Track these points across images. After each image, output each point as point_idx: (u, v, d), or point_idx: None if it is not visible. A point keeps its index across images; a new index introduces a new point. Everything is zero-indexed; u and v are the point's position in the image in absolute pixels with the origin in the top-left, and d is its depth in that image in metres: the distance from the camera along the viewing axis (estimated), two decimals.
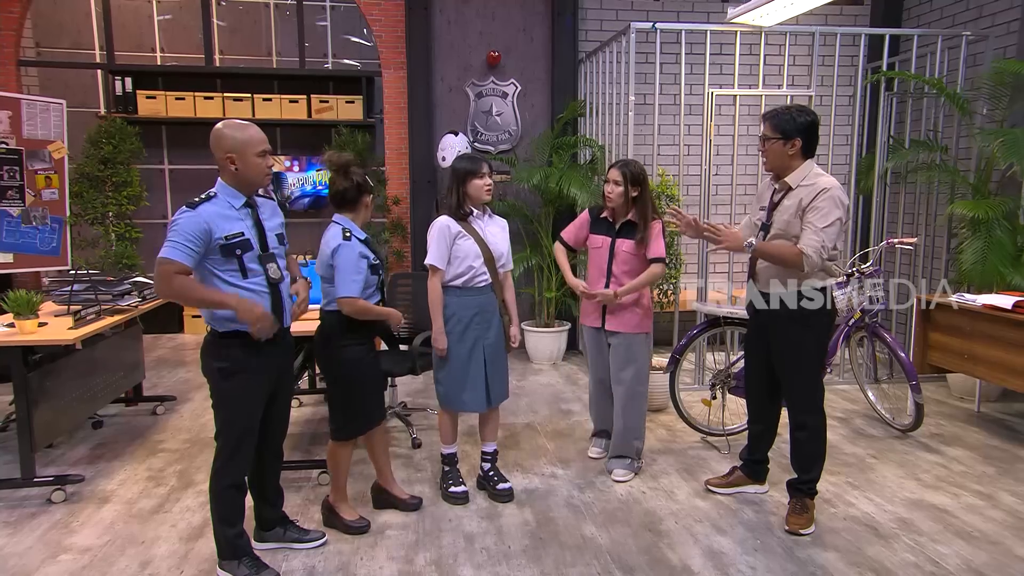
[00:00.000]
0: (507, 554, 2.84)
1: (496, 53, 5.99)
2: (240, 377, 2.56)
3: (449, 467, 3.39)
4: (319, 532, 2.99)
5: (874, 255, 4.34)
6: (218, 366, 2.56)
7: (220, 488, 2.62)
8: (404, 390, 5.03)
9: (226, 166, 2.51)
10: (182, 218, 2.45)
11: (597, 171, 5.58)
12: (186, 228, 2.42)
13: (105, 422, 4.36)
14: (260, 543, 2.86)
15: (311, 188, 7.05)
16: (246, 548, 2.69)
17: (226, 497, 2.63)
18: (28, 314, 3.23)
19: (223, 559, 2.67)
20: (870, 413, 4.53)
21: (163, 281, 2.42)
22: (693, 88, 5.62)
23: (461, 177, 3.20)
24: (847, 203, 2.93)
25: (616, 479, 3.55)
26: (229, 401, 2.59)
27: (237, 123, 2.54)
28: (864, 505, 3.28)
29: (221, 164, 2.52)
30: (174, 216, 2.46)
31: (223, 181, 2.54)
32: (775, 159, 3.01)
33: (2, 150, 5.01)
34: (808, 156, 2.99)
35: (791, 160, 2.97)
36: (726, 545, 2.92)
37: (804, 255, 2.82)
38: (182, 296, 2.53)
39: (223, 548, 2.67)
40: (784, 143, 2.96)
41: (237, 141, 2.49)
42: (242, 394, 2.59)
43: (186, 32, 6.94)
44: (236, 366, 2.55)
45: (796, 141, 2.94)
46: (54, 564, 2.76)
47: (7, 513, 3.18)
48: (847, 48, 5.73)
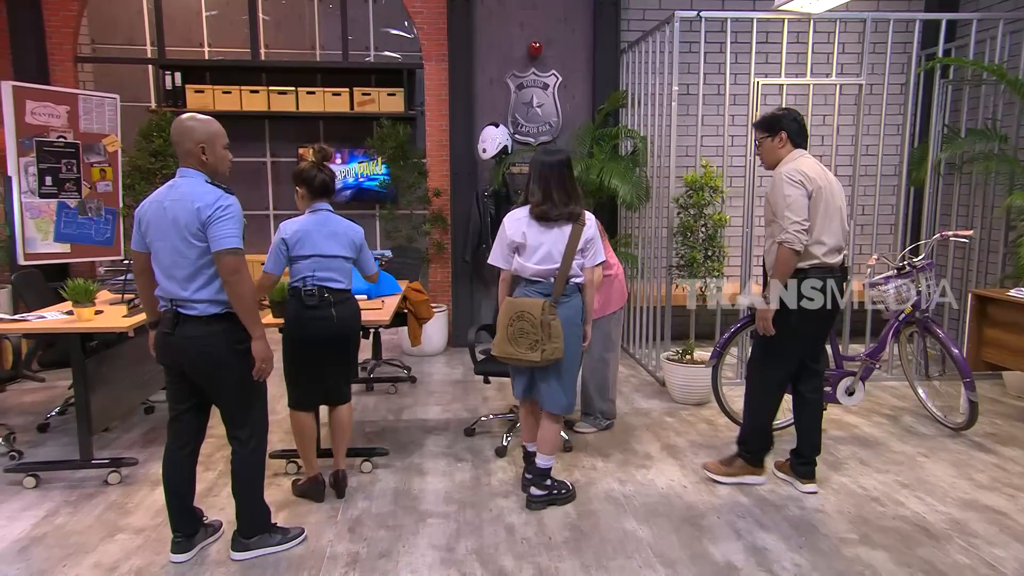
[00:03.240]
0: (548, 545, 2.85)
1: (537, 44, 5.96)
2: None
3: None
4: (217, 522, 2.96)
5: (926, 248, 4.20)
6: (243, 348, 2.58)
7: (261, 461, 2.75)
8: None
9: (196, 155, 2.55)
10: (233, 203, 2.51)
11: (639, 162, 5.52)
12: (238, 214, 2.49)
13: (156, 407, 4.49)
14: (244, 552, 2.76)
15: (353, 180, 7.13)
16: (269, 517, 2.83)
17: (262, 471, 2.77)
18: (86, 302, 3.35)
19: (255, 535, 2.75)
20: (920, 410, 4.40)
21: (244, 273, 2.48)
22: (738, 77, 5.52)
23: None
24: (798, 178, 3.07)
25: (577, 430, 4.06)
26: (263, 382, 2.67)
27: (203, 116, 2.61)
28: (914, 504, 3.20)
29: (188, 152, 2.54)
30: (217, 201, 2.47)
31: (195, 169, 2.56)
32: (768, 156, 3.30)
33: (60, 144, 5.19)
34: (798, 146, 3.22)
35: (781, 152, 3.23)
36: (770, 542, 2.88)
37: (781, 245, 3.06)
38: (252, 294, 2.53)
39: (256, 523, 2.77)
40: (772, 138, 3.24)
41: (207, 132, 2.56)
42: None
43: (233, 27, 7.07)
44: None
45: (782, 133, 3.21)
46: (111, 543, 2.87)
47: (68, 492, 3.31)
48: (900, 34, 5.54)
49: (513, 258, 3.13)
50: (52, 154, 5.14)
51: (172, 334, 2.55)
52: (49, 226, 5.19)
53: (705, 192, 4.55)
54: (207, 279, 2.52)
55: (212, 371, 2.59)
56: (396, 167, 6.26)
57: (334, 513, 3.12)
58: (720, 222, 4.56)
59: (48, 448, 3.86)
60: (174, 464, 2.72)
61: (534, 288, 3.10)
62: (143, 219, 2.56)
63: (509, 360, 3.12)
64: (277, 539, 2.79)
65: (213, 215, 2.44)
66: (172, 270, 2.51)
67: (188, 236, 2.47)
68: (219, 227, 2.44)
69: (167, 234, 2.49)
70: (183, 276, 2.51)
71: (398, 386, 5.04)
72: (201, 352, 2.55)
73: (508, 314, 3.07)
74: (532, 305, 3.01)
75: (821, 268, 3.14)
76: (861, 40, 5.01)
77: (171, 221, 2.48)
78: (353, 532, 2.95)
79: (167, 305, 2.57)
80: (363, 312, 3.60)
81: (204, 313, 2.53)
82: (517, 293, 3.15)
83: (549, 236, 3.05)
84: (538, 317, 2.98)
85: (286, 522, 2.97)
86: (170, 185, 2.57)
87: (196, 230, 2.46)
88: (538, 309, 2.99)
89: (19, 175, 5.00)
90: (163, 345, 2.61)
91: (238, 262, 2.46)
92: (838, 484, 3.41)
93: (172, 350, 2.59)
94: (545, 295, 3.06)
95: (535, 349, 3.00)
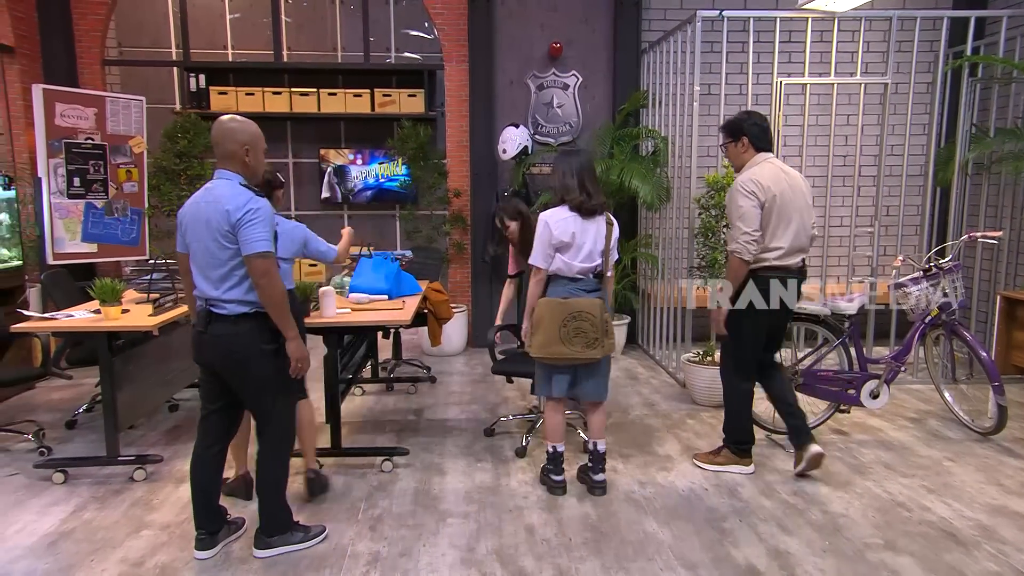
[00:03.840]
0: (568, 546, 2.84)
1: (558, 44, 5.95)
2: (283, 352, 2.67)
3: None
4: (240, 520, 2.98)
5: (953, 250, 4.13)
6: (271, 347, 2.63)
7: (284, 460, 2.78)
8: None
9: (240, 156, 2.60)
10: (263, 206, 2.54)
11: (659, 163, 5.49)
12: (269, 217, 2.54)
13: (180, 406, 4.55)
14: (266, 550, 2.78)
15: (373, 181, 7.18)
16: (292, 516, 2.85)
17: (286, 467, 2.80)
18: (113, 301, 3.40)
19: (276, 534, 2.77)
20: (946, 414, 4.33)
21: (274, 275, 2.52)
22: (760, 77, 5.47)
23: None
24: (751, 189, 3.20)
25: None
26: (283, 376, 2.70)
27: (245, 119, 2.65)
28: (941, 510, 3.14)
29: (232, 154, 2.59)
30: (246, 204, 2.50)
31: (234, 172, 2.60)
32: (734, 160, 3.43)
33: (88, 145, 5.28)
34: (762, 149, 3.32)
35: (745, 156, 3.35)
36: (793, 545, 2.85)
37: (732, 254, 3.25)
38: (282, 295, 2.56)
39: (278, 521, 2.78)
40: (735, 143, 3.36)
41: (251, 134, 2.63)
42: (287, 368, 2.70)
43: (256, 29, 7.15)
44: (281, 343, 2.65)
45: (744, 138, 3.32)
46: (137, 539, 2.91)
47: (95, 488, 3.37)
48: (927, 32, 5.47)
49: (554, 258, 3.17)
50: (80, 155, 5.23)
51: (205, 332, 2.61)
52: (77, 226, 5.28)
53: (727, 193, 4.51)
54: (238, 280, 2.56)
55: (238, 370, 2.63)
56: (416, 168, 6.29)
57: (355, 512, 3.13)
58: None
59: (76, 444, 3.93)
60: (202, 463, 2.76)
61: (576, 286, 3.18)
62: (183, 221, 2.63)
63: (560, 360, 3.17)
64: (299, 537, 2.82)
65: (243, 218, 2.48)
66: (206, 270, 2.57)
67: (219, 238, 2.52)
68: (249, 231, 2.48)
69: (201, 235, 2.55)
70: (216, 276, 2.56)
71: (418, 386, 5.06)
72: (229, 351, 2.60)
73: (561, 315, 3.11)
74: (590, 305, 3.11)
75: (772, 269, 3.28)
76: (887, 38, 4.95)
77: (204, 223, 2.53)
78: (374, 531, 2.97)
79: (202, 304, 2.62)
80: (384, 312, 3.63)
81: (232, 312, 2.58)
82: (558, 292, 3.19)
83: (590, 234, 3.15)
84: (599, 316, 3.11)
85: (308, 520, 3.00)
86: (207, 187, 2.62)
87: (227, 232, 2.50)
88: (597, 308, 3.11)
89: (48, 176, 5.10)
90: (197, 343, 2.67)
91: (268, 265, 2.50)
92: (862, 488, 3.36)
93: (204, 348, 2.64)
94: (588, 291, 3.17)
95: (594, 347, 3.11)
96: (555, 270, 3.18)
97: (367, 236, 6.76)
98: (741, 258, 3.22)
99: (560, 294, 3.18)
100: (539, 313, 3.16)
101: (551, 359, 3.17)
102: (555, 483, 3.33)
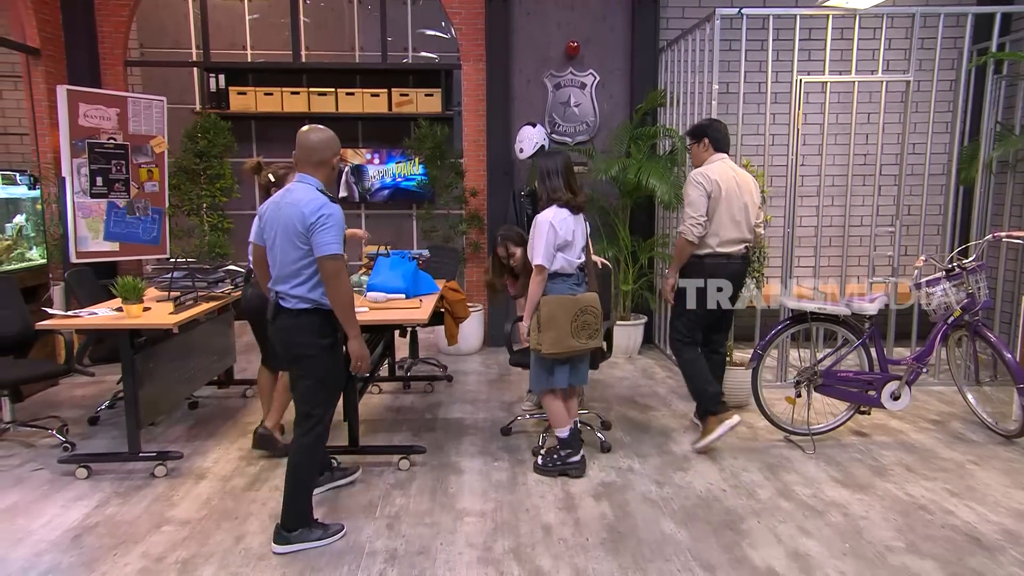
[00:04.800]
0: (585, 546, 2.84)
1: (575, 43, 5.94)
2: (338, 349, 2.86)
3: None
4: (355, 467, 3.39)
5: (976, 250, 4.07)
6: (327, 342, 2.80)
7: (312, 452, 2.84)
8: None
9: (333, 165, 2.82)
10: (336, 212, 2.68)
11: (677, 162, 5.46)
12: (340, 221, 2.69)
13: (200, 403, 4.60)
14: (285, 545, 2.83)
15: (391, 180, 7.21)
16: (312, 514, 2.90)
17: (315, 464, 2.89)
18: (135, 299, 3.44)
19: (295, 528, 2.81)
20: (969, 417, 4.27)
21: (343, 276, 2.67)
22: (780, 75, 5.43)
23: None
24: (700, 180, 3.67)
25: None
26: (334, 373, 2.86)
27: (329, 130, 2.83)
28: (964, 513, 3.10)
29: (325, 162, 2.78)
30: (319, 209, 2.63)
31: (317, 178, 2.77)
32: (695, 158, 3.90)
33: (111, 145, 5.35)
34: (720, 151, 3.80)
35: (704, 155, 3.82)
36: (812, 548, 2.82)
37: (680, 235, 3.73)
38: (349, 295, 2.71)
39: (299, 517, 2.82)
40: (698, 144, 3.85)
41: (338, 145, 2.84)
42: (340, 364, 2.89)
43: (274, 29, 7.20)
44: (337, 339, 2.83)
45: (705, 139, 3.81)
46: (158, 534, 2.94)
47: (117, 484, 3.41)
48: (950, 29, 5.38)
49: (555, 257, 3.31)
50: (103, 155, 5.30)
51: (273, 322, 2.82)
52: (99, 225, 5.36)
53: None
54: (305, 278, 2.72)
55: (295, 361, 2.82)
56: (433, 167, 6.31)
57: (372, 509, 3.15)
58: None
59: (98, 440, 3.98)
60: None
61: (570, 282, 3.38)
62: (263, 216, 2.83)
63: (572, 354, 3.34)
64: (318, 534, 2.85)
65: (317, 222, 2.62)
66: (281, 266, 2.74)
67: (294, 238, 2.68)
68: (322, 235, 2.62)
69: (278, 234, 2.72)
70: (287, 273, 2.73)
71: (434, 385, 5.07)
72: (287, 342, 2.80)
73: (571, 310, 3.28)
74: (593, 299, 3.35)
75: (715, 255, 3.73)
76: (909, 35, 4.89)
77: (283, 223, 2.70)
78: (391, 529, 2.98)
79: (273, 295, 2.81)
80: (401, 311, 3.65)
81: (295, 307, 2.75)
82: (560, 290, 3.35)
83: (579, 230, 3.38)
84: (599, 308, 3.36)
85: (326, 517, 3.02)
86: (287, 189, 2.78)
87: (300, 233, 2.66)
88: (598, 302, 3.36)
89: (72, 176, 5.17)
90: (270, 331, 2.90)
91: (338, 267, 2.65)
92: (883, 491, 3.32)
93: (274, 337, 2.88)
94: (578, 286, 3.40)
95: (595, 337, 3.36)
96: (557, 268, 3.33)
97: (384, 235, 6.79)
98: (687, 239, 3.69)
99: (563, 291, 3.33)
100: (549, 311, 3.26)
101: (564, 354, 3.31)
102: (575, 463, 3.47)
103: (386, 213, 7.49)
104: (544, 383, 3.44)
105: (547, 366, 3.41)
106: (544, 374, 3.43)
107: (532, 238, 3.35)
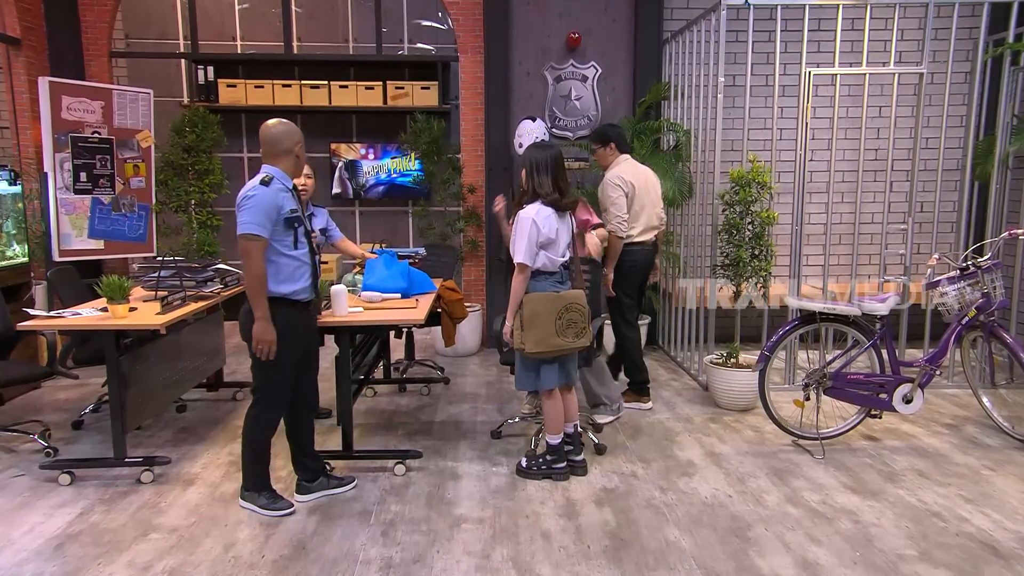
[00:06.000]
0: (586, 554, 2.74)
1: (576, 35, 5.80)
2: (288, 338, 2.91)
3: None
4: (351, 477, 3.35)
5: (992, 247, 3.96)
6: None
7: (259, 432, 3.03)
8: None
9: (296, 153, 2.96)
10: (258, 194, 2.79)
11: (681, 157, 5.35)
12: (263, 203, 2.77)
13: (188, 406, 4.48)
14: (305, 495, 3.19)
15: (386, 176, 7.08)
16: (268, 483, 3.11)
17: (263, 440, 3.05)
18: (121, 299, 3.32)
19: (247, 490, 3.09)
20: (985, 420, 4.17)
21: (255, 257, 2.78)
22: (788, 67, 5.31)
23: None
24: (618, 182, 4.11)
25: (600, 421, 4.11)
26: (278, 360, 2.90)
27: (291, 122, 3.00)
28: (979, 521, 3.00)
29: (286, 152, 2.92)
30: (246, 193, 2.78)
31: (277, 168, 2.91)
32: (601, 161, 4.30)
33: (95, 139, 5.20)
34: (623, 151, 4.26)
35: (611, 158, 4.24)
36: (822, 556, 2.72)
37: (612, 233, 4.12)
38: (260, 276, 2.81)
39: (250, 480, 3.08)
40: (604, 148, 4.24)
41: (300, 136, 2.98)
42: (289, 352, 2.94)
43: (265, 19, 7.06)
44: (285, 327, 2.89)
45: (611, 144, 4.22)
46: (144, 542, 2.83)
47: (102, 491, 3.30)
48: (965, 19, 5.26)
49: (538, 255, 3.25)
50: (87, 150, 5.15)
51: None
52: (83, 222, 5.21)
53: (752, 188, 4.36)
54: None
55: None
56: (430, 163, 6.17)
57: (367, 516, 3.05)
58: (768, 220, 4.36)
59: (82, 445, 3.86)
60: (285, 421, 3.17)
61: (553, 280, 3.31)
62: None
63: (558, 352, 3.26)
64: (262, 502, 3.07)
65: (240, 204, 2.79)
66: None
67: None
68: (240, 215, 2.79)
69: None
70: None
71: (431, 387, 4.96)
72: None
73: (555, 308, 3.21)
74: (578, 296, 3.28)
75: (635, 244, 4.23)
76: (922, 26, 4.77)
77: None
78: (386, 536, 2.88)
79: None
80: (397, 311, 3.53)
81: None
82: (540, 287, 3.29)
83: (564, 228, 3.32)
84: (585, 306, 3.29)
85: (321, 519, 3.01)
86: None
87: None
88: (583, 299, 3.29)
89: (55, 171, 5.02)
90: None
91: (248, 246, 2.77)
92: (894, 497, 3.23)
93: None
94: (562, 284, 3.33)
95: (582, 336, 3.28)
96: (539, 266, 3.26)
97: (379, 233, 6.67)
98: (618, 235, 4.11)
99: (546, 288, 3.27)
100: (533, 309, 3.21)
101: (550, 353, 3.24)
102: (560, 469, 3.42)
103: (381, 210, 7.36)
104: (530, 384, 3.36)
105: (533, 366, 3.32)
106: (530, 374, 3.33)
107: (513, 235, 3.26)
